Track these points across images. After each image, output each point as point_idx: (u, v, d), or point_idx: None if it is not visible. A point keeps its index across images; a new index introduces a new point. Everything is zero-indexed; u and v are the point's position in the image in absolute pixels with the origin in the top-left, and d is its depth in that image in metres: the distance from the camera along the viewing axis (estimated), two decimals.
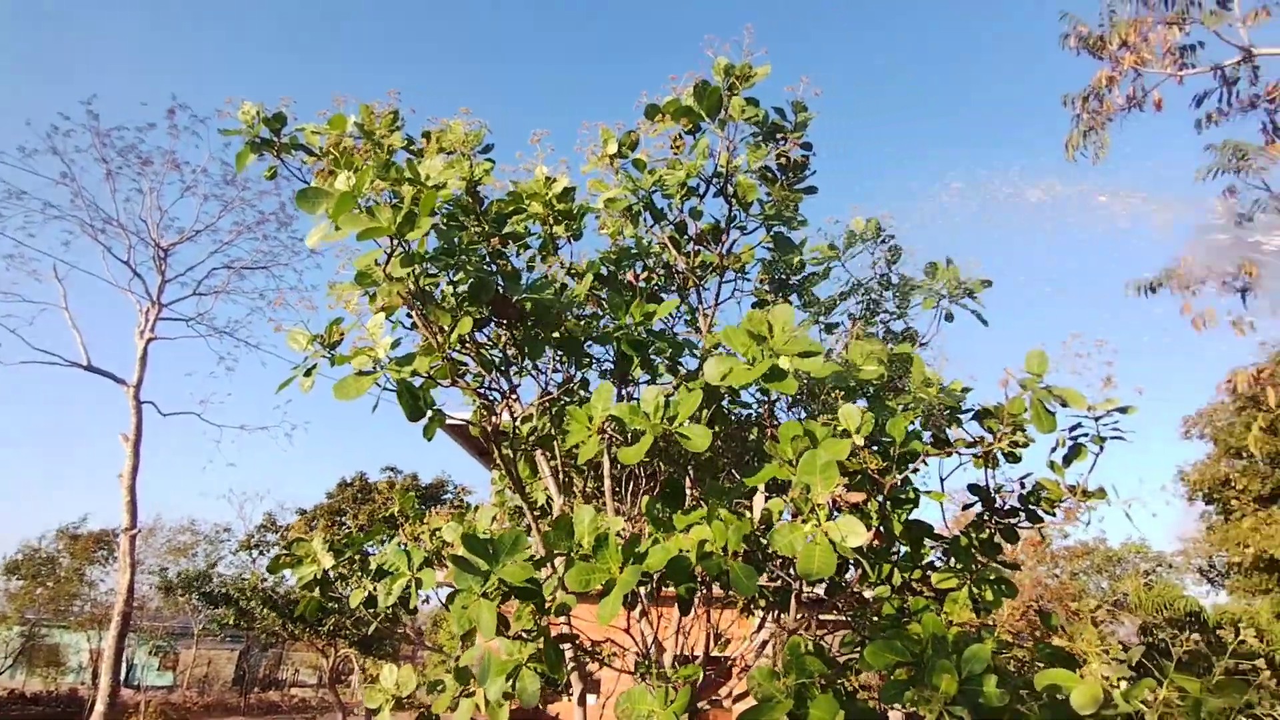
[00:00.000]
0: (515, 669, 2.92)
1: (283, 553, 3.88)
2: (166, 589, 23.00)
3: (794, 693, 2.19)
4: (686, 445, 2.49)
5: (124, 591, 12.54)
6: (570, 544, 2.49)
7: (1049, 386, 3.22)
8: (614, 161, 3.59)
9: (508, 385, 3.43)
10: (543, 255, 3.56)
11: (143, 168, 14.58)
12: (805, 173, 3.86)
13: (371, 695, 3.65)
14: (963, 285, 3.65)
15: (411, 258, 2.47)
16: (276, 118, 3.63)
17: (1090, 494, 3.54)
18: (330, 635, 16.69)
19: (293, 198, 2.66)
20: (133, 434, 13.20)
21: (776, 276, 4.04)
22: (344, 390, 2.43)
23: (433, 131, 3.56)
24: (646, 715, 2.42)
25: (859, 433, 2.51)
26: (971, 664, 2.13)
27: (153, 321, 14.14)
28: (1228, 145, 7.61)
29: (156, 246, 14.56)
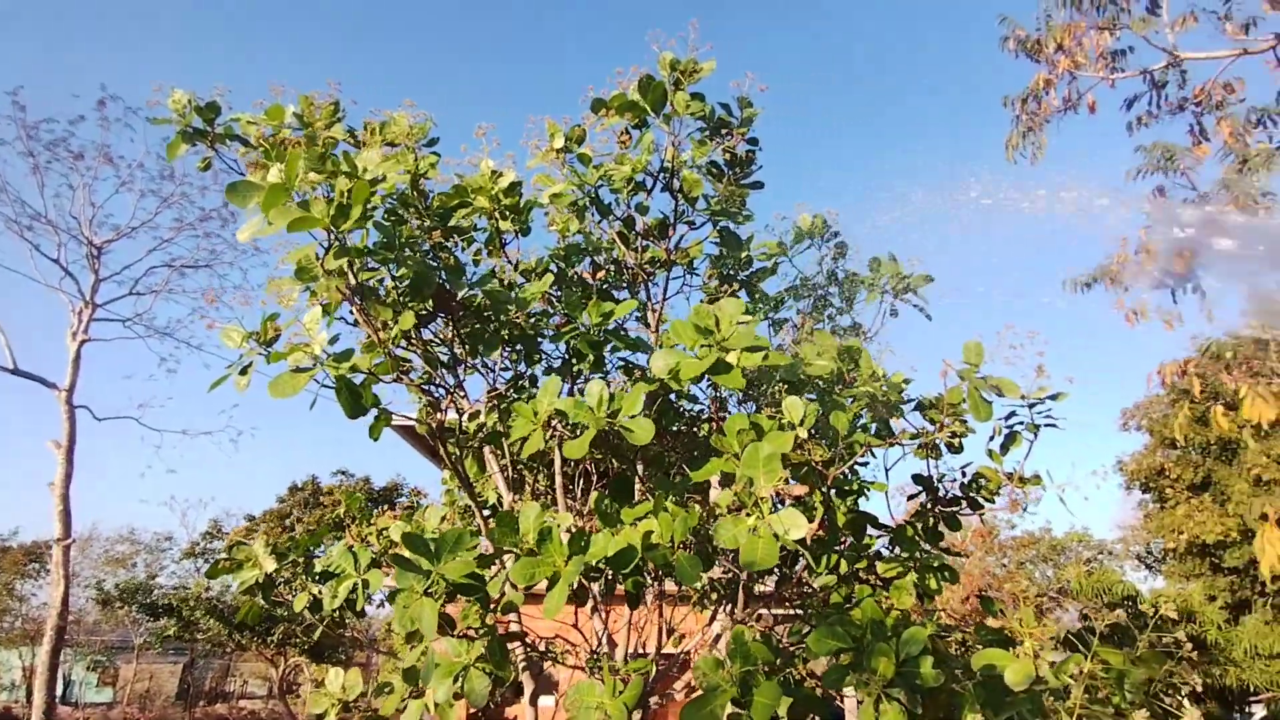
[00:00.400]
0: (463, 669, 2.88)
1: (222, 557, 3.77)
2: (104, 601, 22.09)
3: (739, 681, 2.21)
4: (630, 439, 2.49)
5: (58, 605, 12.00)
6: (516, 539, 2.47)
7: (986, 376, 3.33)
8: (560, 156, 3.57)
9: (454, 381, 3.39)
10: (489, 250, 3.53)
11: (74, 162, 13.96)
12: (752, 168, 3.90)
13: (317, 700, 3.57)
14: (905, 280, 3.74)
15: (346, 250, 2.42)
16: (210, 107, 3.52)
17: (1026, 480, 3.66)
18: (280, 644, 16.25)
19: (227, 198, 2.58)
20: (65, 440, 12.63)
21: (725, 272, 4.08)
22: (279, 388, 2.36)
23: (375, 124, 3.49)
24: (596, 708, 2.41)
25: (803, 425, 2.55)
26: (909, 646, 2.18)
27: (86, 322, 13.54)
28: (1157, 146, 7.94)
29: (89, 244, 13.95)
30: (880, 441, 3.06)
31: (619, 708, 2.31)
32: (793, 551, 3.65)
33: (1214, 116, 7.51)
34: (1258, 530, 5.70)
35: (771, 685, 2.14)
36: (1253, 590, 17.40)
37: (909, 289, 3.82)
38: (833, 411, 2.72)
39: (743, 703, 2.15)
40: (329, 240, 2.49)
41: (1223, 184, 7.58)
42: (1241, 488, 17.04)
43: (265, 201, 2.24)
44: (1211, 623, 16.80)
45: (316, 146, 2.97)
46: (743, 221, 3.73)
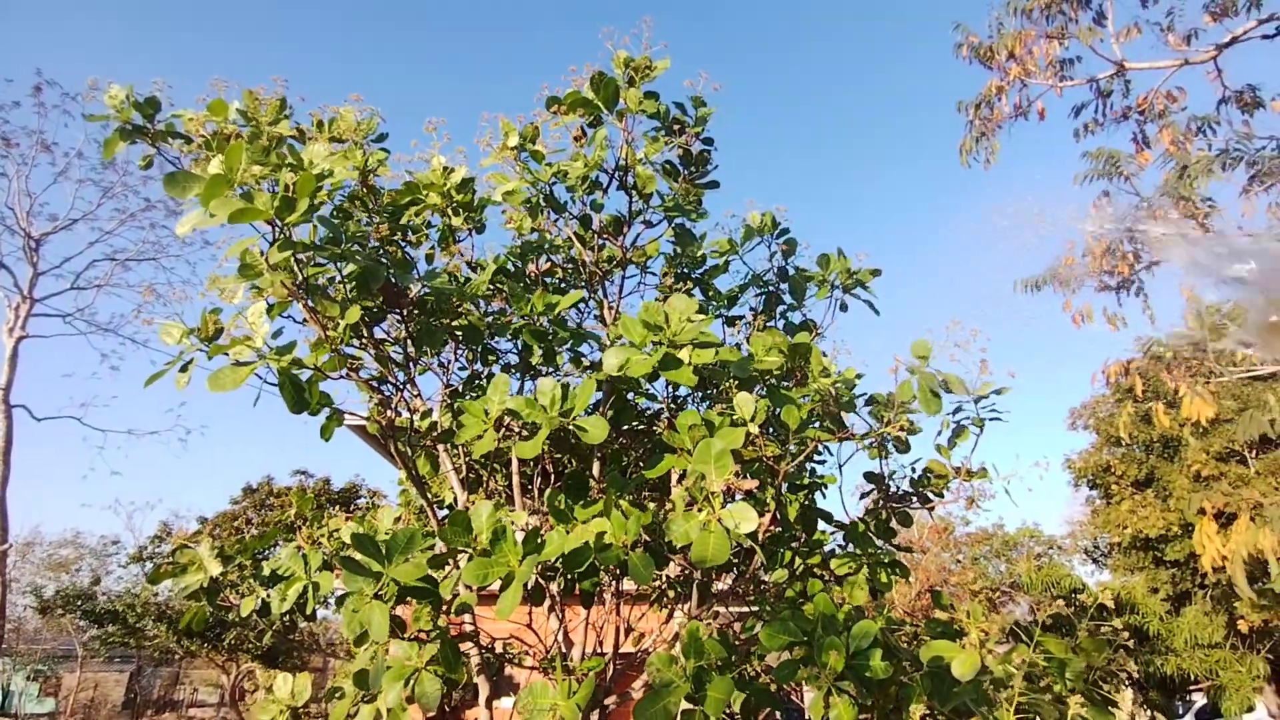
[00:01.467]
0: (414, 672, 2.84)
1: (165, 561, 3.65)
2: (44, 609, 21.25)
3: (693, 677, 2.22)
4: (584, 437, 2.48)
5: None
6: (468, 539, 2.44)
7: (935, 372, 3.40)
8: (514, 154, 3.54)
9: (404, 378, 3.33)
10: (442, 247, 3.48)
11: (7, 149, 13.37)
12: (707, 167, 3.91)
13: (265, 707, 3.48)
14: (854, 276, 3.79)
15: (292, 244, 2.36)
16: (149, 102, 3.39)
17: (974, 473, 3.75)
18: (231, 650, 15.83)
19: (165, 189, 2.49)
20: (1, 441, 12.11)
21: (679, 271, 4.09)
22: (219, 381, 2.29)
23: (322, 119, 3.42)
24: (549, 710, 2.39)
25: (754, 421, 2.57)
26: (859, 640, 2.21)
27: (24, 318, 12.99)
28: (1102, 153, 8.22)
29: (26, 236, 13.38)
30: (831, 436, 3.10)
31: (572, 708, 2.29)
32: (748, 548, 3.69)
33: (1156, 125, 7.80)
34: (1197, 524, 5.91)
35: (725, 680, 2.15)
36: (1192, 582, 18.11)
37: (858, 283, 3.87)
38: (784, 407, 2.74)
39: (696, 698, 2.15)
40: (273, 234, 2.42)
41: (1164, 190, 7.87)
42: (1182, 484, 17.71)
43: (205, 193, 2.17)
44: (1154, 614, 17.42)
45: (262, 140, 2.90)
46: (697, 219, 3.74)
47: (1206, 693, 17.70)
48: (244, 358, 2.37)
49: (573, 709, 2.30)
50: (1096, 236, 8.65)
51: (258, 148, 2.40)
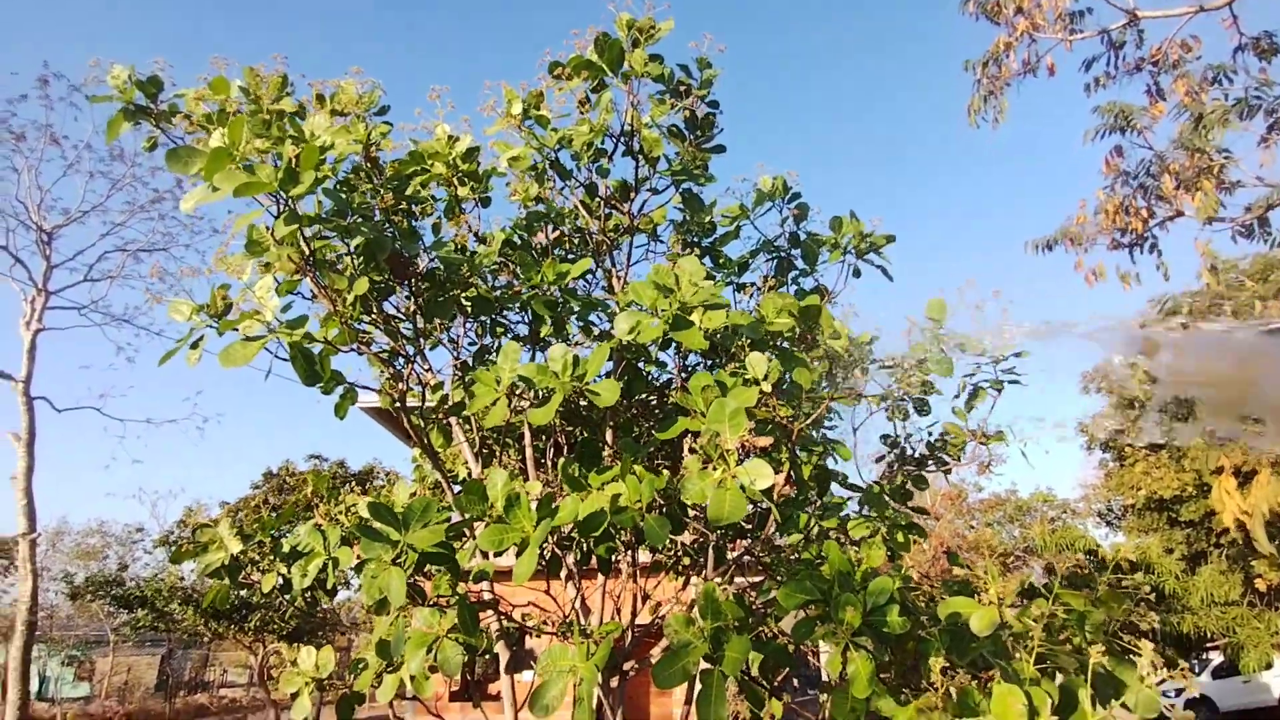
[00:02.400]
0: (435, 640, 2.88)
1: (186, 540, 3.70)
2: (74, 595, 21.73)
3: (710, 637, 2.23)
4: (596, 401, 2.48)
5: (27, 600, 11.76)
6: (484, 507, 2.45)
7: (949, 333, 3.36)
8: (519, 122, 3.50)
9: (413, 351, 3.34)
10: (448, 218, 3.46)
11: (16, 143, 13.40)
12: (713, 131, 3.86)
13: (290, 679, 3.54)
14: (867, 239, 3.74)
15: (298, 217, 2.35)
16: (151, 81, 3.38)
17: (990, 436, 3.73)
18: (257, 631, 16.14)
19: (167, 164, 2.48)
20: (24, 432, 12.28)
21: (689, 239, 4.05)
22: (230, 357, 2.30)
23: (323, 94, 3.39)
24: (568, 671, 2.42)
25: (766, 380, 2.56)
26: (876, 596, 2.22)
27: (40, 311, 13.10)
28: (1114, 107, 8.04)
29: (39, 230, 13.45)
30: (844, 397, 3.09)
31: (591, 669, 2.32)
32: (762, 512, 3.70)
33: (1170, 75, 7.61)
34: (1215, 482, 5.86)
35: (742, 640, 2.17)
36: (1208, 542, 18.07)
37: (872, 248, 3.83)
38: (795, 368, 2.73)
39: (714, 658, 2.17)
40: (278, 208, 2.41)
41: (1179, 142, 7.71)
42: (1197, 443, 17.60)
43: (208, 166, 2.16)
44: (1169, 573, 17.44)
45: (263, 115, 2.88)
46: (705, 183, 3.70)
47: (1223, 650, 17.74)
48: (254, 332, 2.37)
49: (591, 670, 2.32)
50: (1109, 193, 8.50)
51: (259, 121, 2.38)
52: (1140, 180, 8.28)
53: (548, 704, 2.31)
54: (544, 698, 2.31)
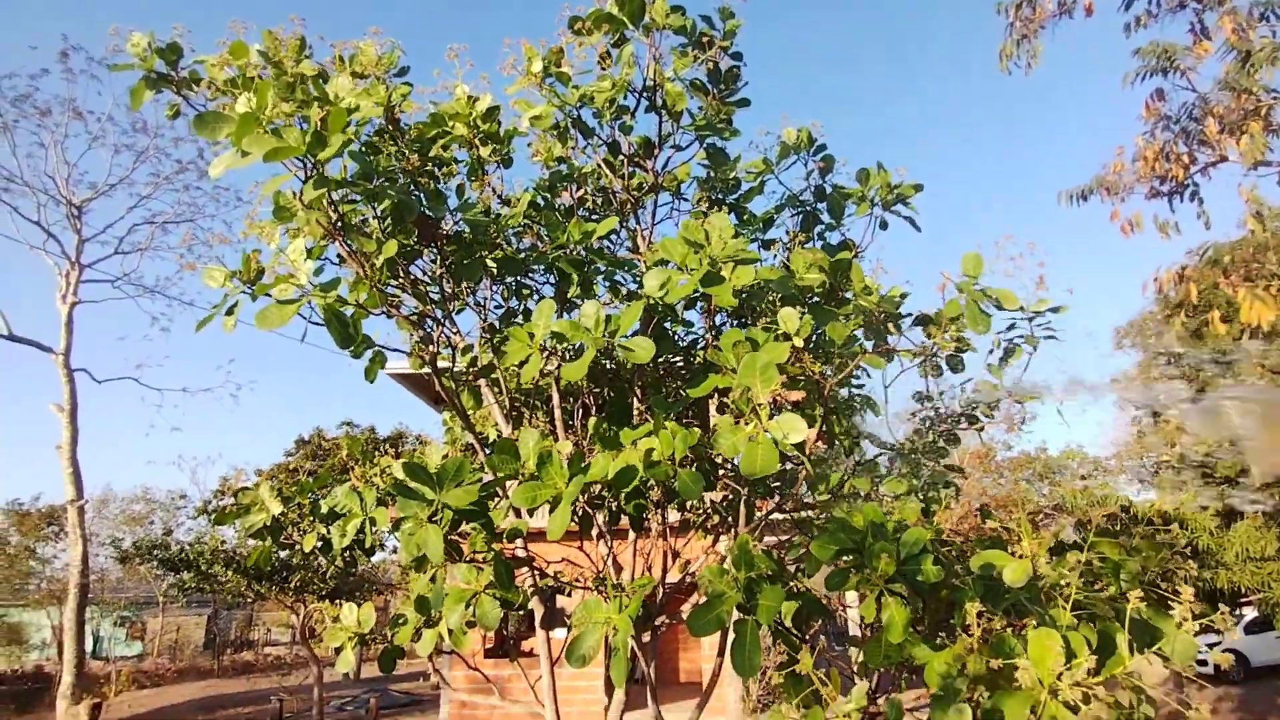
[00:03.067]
0: (473, 595, 2.95)
1: (229, 503, 3.81)
2: (123, 559, 22.60)
3: (744, 587, 2.25)
4: (629, 358, 2.48)
5: (78, 563, 12.26)
6: (516, 466, 2.49)
7: (984, 289, 3.29)
8: (539, 80, 3.45)
9: (443, 314, 3.35)
10: (471, 180, 3.44)
11: (42, 119, 13.55)
12: (737, 84, 3.78)
13: (334, 634, 3.66)
14: (895, 190, 3.66)
15: (325, 181, 2.35)
16: (171, 48, 3.37)
17: (1026, 394, 3.67)
18: (298, 591, 16.67)
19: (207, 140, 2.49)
20: (67, 403, 12.65)
21: (713, 197, 3.99)
22: (266, 319, 2.33)
23: (342, 55, 3.36)
24: (603, 623, 2.47)
25: (798, 336, 2.53)
26: (910, 546, 2.22)
27: (75, 284, 13.38)
28: (1155, 47, 7.70)
29: (69, 204, 13.66)
30: (876, 354, 3.06)
31: (625, 621, 2.36)
32: (792, 470, 3.70)
33: (1216, 12, 7.26)
34: None
35: (776, 590, 2.19)
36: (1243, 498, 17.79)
37: (899, 199, 3.74)
38: (828, 324, 2.70)
39: (748, 607, 2.19)
40: (306, 172, 2.42)
41: (1224, 83, 7.38)
42: None
43: (237, 132, 2.16)
44: (1203, 529, 17.23)
45: (286, 77, 2.87)
46: (729, 138, 3.63)
47: (1257, 606, 17.59)
48: (288, 296, 2.40)
49: (626, 622, 2.36)
50: (1148, 139, 8.19)
51: (283, 84, 2.37)
52: (1182, 124, 7.96)
53: (584, 654, 2.36)
54: (580, 648, 2.37)
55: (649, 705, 3.79)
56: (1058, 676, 1.70)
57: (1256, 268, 6.54)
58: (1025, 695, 1.76)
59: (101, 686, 19.49)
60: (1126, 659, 1.80)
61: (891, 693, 3.04)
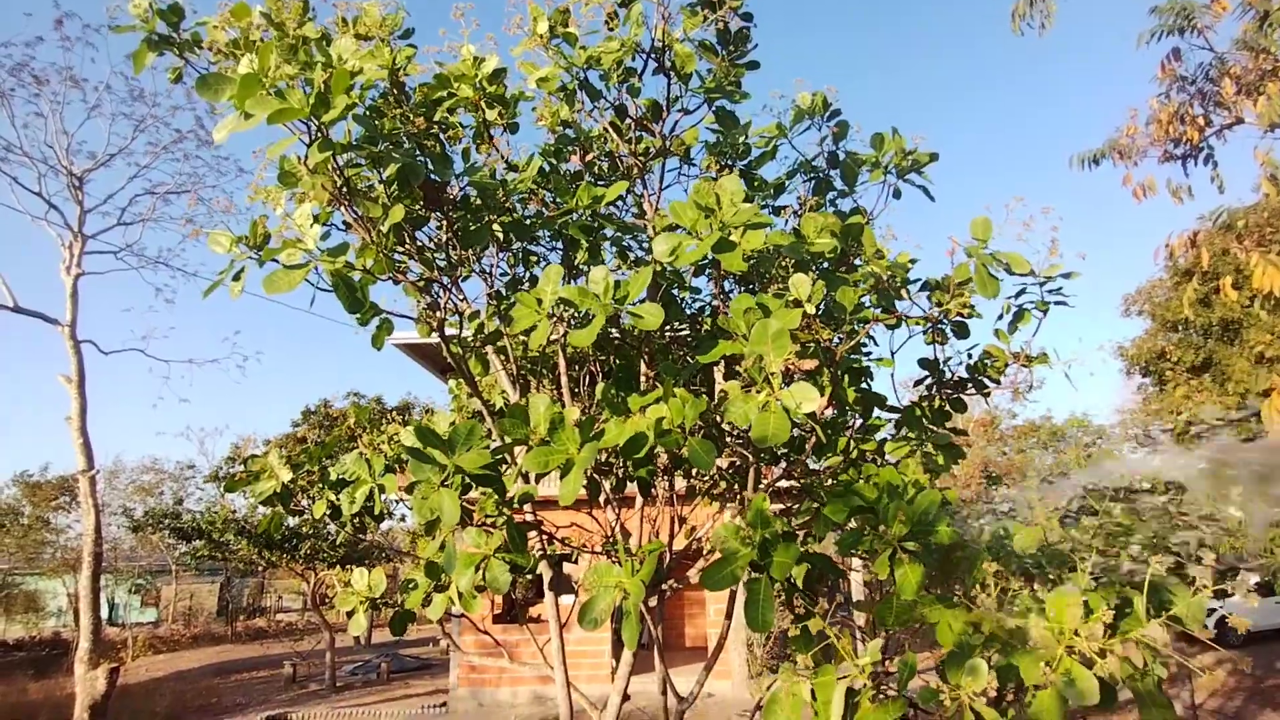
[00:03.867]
0: (483, 559, 2.97)
1: (239, 470, 3.83)
2: (136, 528, 22.91)
3: (758, 545, 2.25)
4: (639, 324, 2.46)
5: (91, 532, 12.41)
6: (527, 431, 2.48)
7: (994, 253, 3.25)
8: (545, 41, 3.38)
9: (449, 281, 3.33)
10: (477, 144, 3.39)
11: (39, 88, 13.39)
12: (747, 46, 3.69)
13: (345, 598, 3.71)
14: (910, 157, 3.60)
15: (330, 144, 2.31)
16: (173, 10, 3.31)
17: (1033, 358, 3.65)
18: (307, 559, 16.91)
19: (207, 107, 2.45)
20: (74, 375, 12.70)
21: (722, 163, 3.94)
22: (274, 284, 2.32)
23: (345, 17, 3.29)
24: (615, 586, 2.49)
25: (810, 302, 2.51)
26: (923, 508, 2.22)
27: (78, 255, 13.34)
28: (1173, 5, 7.50)
29: (69, 174, 13.56)
30: (886, 318, 3.03)
31: (636, 584, 2.38)
32: (800, 436, 3.70)
33: None
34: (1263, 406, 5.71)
35: (790, 547, 2.19)
36: None
37: (914, 167, 3.68)
38: (838, 289, 2.67)
39: (761, 565, 2.20)
40: (310, 135, 2.38)
41: (1242, 43, 7.20)
42: (1243, 366, 17.14)
43: (239, 93, 2.12)
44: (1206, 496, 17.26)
45: (289, 39, 2.81)
46: (739, 100, 3.57)
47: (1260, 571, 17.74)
48: (295, 261, 2.38)
49: (638, 585, 2.38)
50: (1163, 100, 8.03)
51: (286, 46, 2.32)
52: (1198, 86, 7.79)
53: (595, 617, 2.39)
54: (592, 611, 2.39)
55: (656, 668, 3.85)
56: (1075, 633, 1.71)
57: (1270, 232, 6.45)
58: (1040, 653, 1.77)
59: (118, 652, 19.90)
60: (1143, 620, 1.80)
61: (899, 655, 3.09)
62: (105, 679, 11.42)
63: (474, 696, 13.55)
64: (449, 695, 13.62)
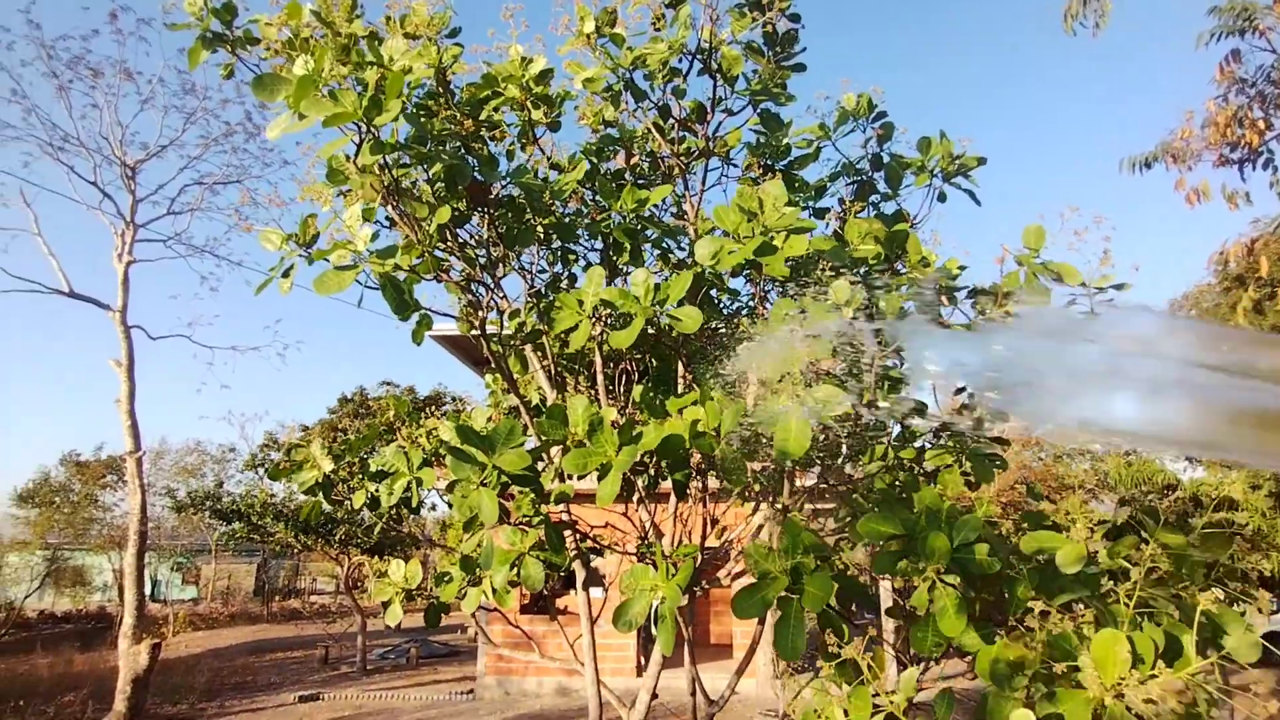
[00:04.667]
0: (518, 557, 3.00)
1: (283, 459, 3.92)
2: (179, 508, 23.60)
3: (790, 570, 2.24)
4: (678, 327, 2.46)
5: (137, 511, 12.80)
6: (565, 432, 2.50)
7: (1045, 262, 3.18)
8: (591, 41, 3.38)
9: (492, 280, 3.36)
10: (522, 144, 3.41)
11: (94, 80, 13.79)
12: (794, 47, 3.66)
13: (381, 589, 3.78)
14: (957, 161, 3.53)
15: (381, 146, 2.35)
16: (226, 8, 3.39)
17: None
18: (342, 544, 17.25)
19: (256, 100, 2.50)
20: (124, 359, 13.09)
21: (764, 162, 3.91)
22: (325, 285, 2.36)
23: (392, 16, 3.34)
24: (651, 590, 2.49)
25: (848, 306, 2.48)
26: (964, 533, 2.18)
27: (130, 244, 13.74)
28: (1234, 5, 7.23)
29: (123, 164, 13.95)
30: None
31: (674, 589, 2.38)
32: (836, 439, 3.66)
33: None
34: None
35: (824, 576, 2.17)
36: None
37: (961, 171, 3.62)
38: (881, 296, 2.64)
39: (794, 589, 2.18)
40: (360, 136, 2.42)
41: None
42: None
43: (295, 95, 2.16)
44: (1255, 510, 16.71)
45: (340, 39, 2.86)
46: (785, 103, 3.53)
47: None
48: (344, 262, 2.42)
49: (675, 590, 2.38)
50: (1220, 103, 7.76)
51: (338, 43, 2.36)
52: (1258, 88, 7.52)
53: (630, 620, 2.40)
54: (627, 614, 2.40)
55: (685, 667, 3.85)
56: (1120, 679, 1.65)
57: None
58: (1088, 696, 1.72)
59: (160, 627, 20.57)
60: (1193, 660, 1.74)
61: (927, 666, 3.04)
62: (148, 654, 11.80)
63: (501, 685, 13.71)
64: (476, 683, 13.81)
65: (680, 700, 9.21)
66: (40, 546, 25.82)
